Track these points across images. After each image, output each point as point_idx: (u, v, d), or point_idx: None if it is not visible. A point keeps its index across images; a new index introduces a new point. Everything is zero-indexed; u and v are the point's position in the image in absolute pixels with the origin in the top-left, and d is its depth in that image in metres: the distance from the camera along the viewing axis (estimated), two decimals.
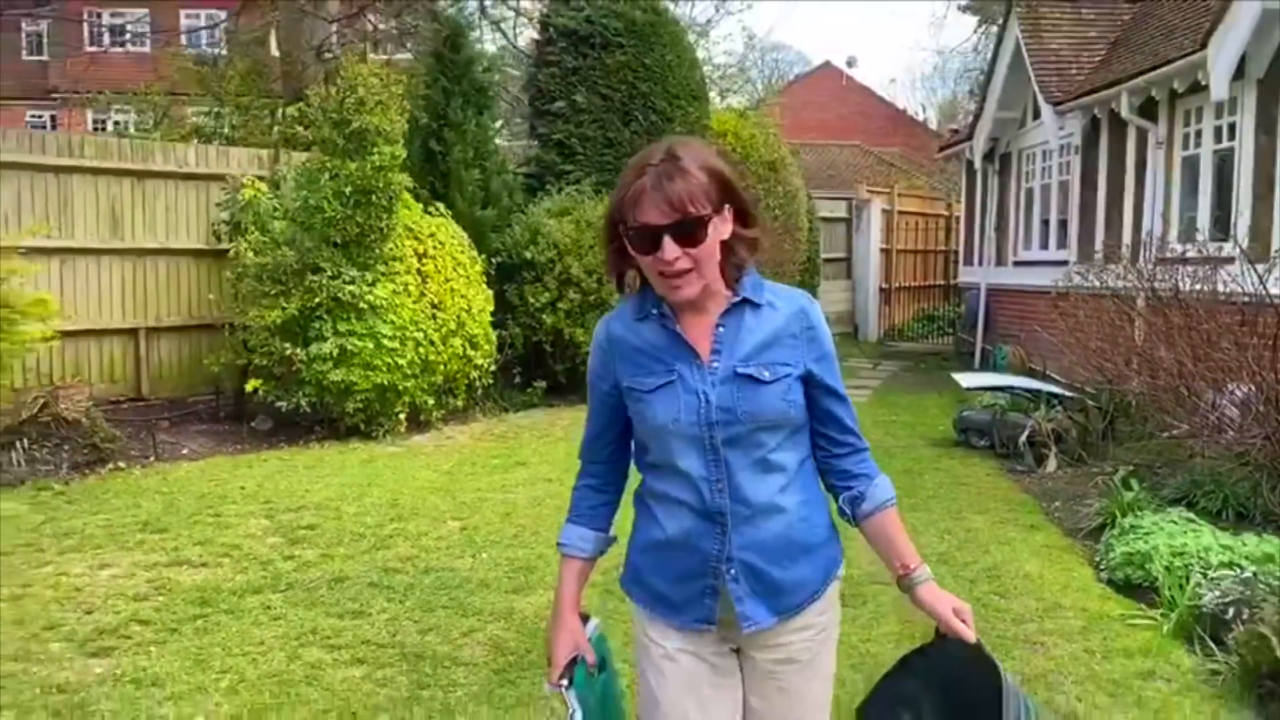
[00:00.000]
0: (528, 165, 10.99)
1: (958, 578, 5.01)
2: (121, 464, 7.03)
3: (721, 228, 1.86)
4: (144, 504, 5.97)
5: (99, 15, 31.04)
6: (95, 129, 30.77)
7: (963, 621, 1.87)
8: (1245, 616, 4.10)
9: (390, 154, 7.80)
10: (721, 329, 1.92)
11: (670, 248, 1.81)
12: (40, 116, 31.94)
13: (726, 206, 1.87)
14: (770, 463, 1.90)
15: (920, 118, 39.01)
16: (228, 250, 8.49)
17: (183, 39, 24.22)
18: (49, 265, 7.86)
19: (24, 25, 31.71)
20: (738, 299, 1.92)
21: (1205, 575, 4.55)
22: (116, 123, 32.14)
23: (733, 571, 1.89)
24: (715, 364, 1.90)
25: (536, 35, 11.10)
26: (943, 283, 19.24)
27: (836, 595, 2.03)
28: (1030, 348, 11.80)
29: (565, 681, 1.95)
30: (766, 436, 1.90)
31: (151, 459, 7.26)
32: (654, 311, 1.93)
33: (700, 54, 13.99)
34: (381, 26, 12.85)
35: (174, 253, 8.84)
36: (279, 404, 7.79)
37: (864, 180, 20.23)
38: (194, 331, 8.94)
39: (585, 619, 2.05)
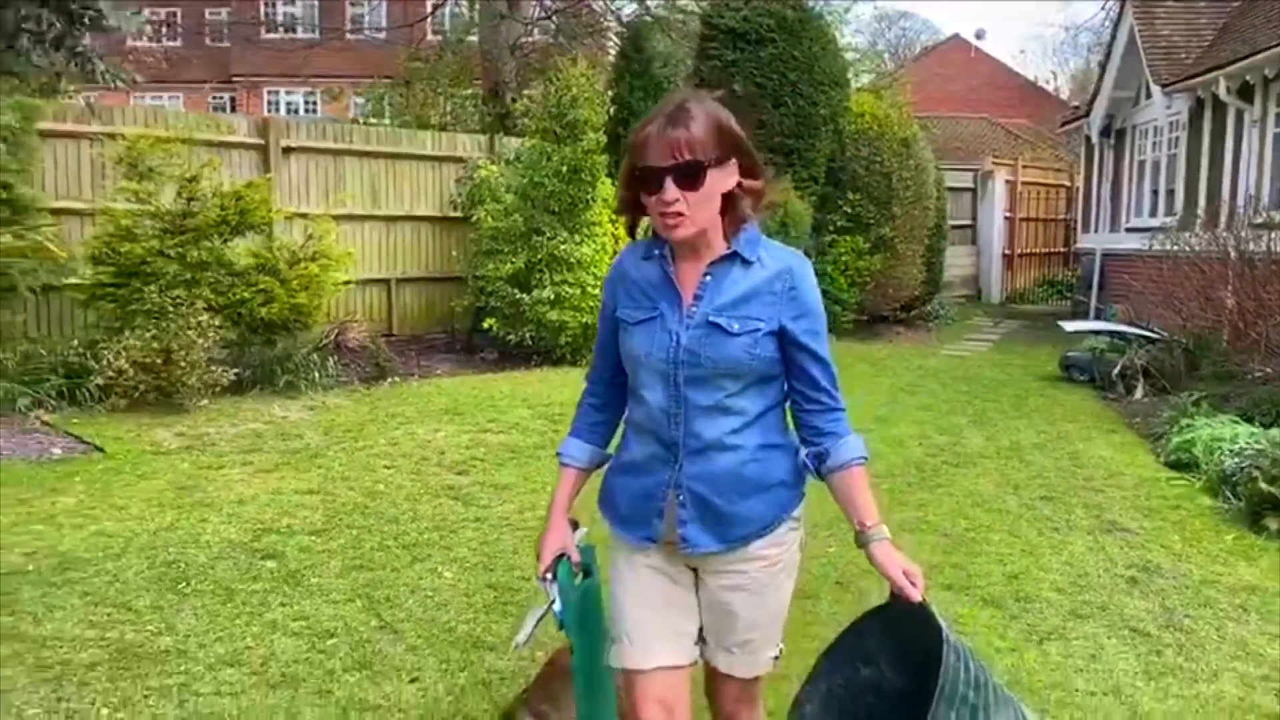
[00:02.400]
0: None
1: (1047, 456, 6.75)
2: (396, 379, 9.21)
3: (724, 179, 1.99)
4: (434, 401, 8.12)
5: (274, 6, 34.17)
6: (269, 109, 33.98)
7: (912, 584, 1.93)
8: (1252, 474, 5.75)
9: (595, 140, 9.78)
10: (709, 278, 2.04)
11: (670, 189, 1.94)
12: (221, 98, 35.25)
13: (732, 160, 1.99)
14: (728, 406, 2.03)
15: (1051, 87, 39.31)
16: (462, 217, 10.63)
17: (347, 27, 26.88)
18: (329, 228, 10.07)
19: (207, 13, 34.99)
20: (729, 252, 2.04)
21: (1231, 452, 6.19)
22: (288, 104, 35.30)
23: (681, 498, 2.05)
24: (694, 309, 2.03)
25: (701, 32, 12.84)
26: (1064, 250, 20.39)
27: (795, 538, 2.13)
28: (1138, 306, 13.14)
29: (550, 576, 2.16)
30: (727, 382, 2.02)
31: (416, 375, 9.44)
32: (656, 253, 2.09)
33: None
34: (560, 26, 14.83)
35: (416, 219, 11.02)
36: (509, 337, 9.87)
37: (990, 152, 21.41)
38: (430, 282, 11.13)
39: (575, 525, 2.23)
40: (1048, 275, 20.09)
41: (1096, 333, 10.56)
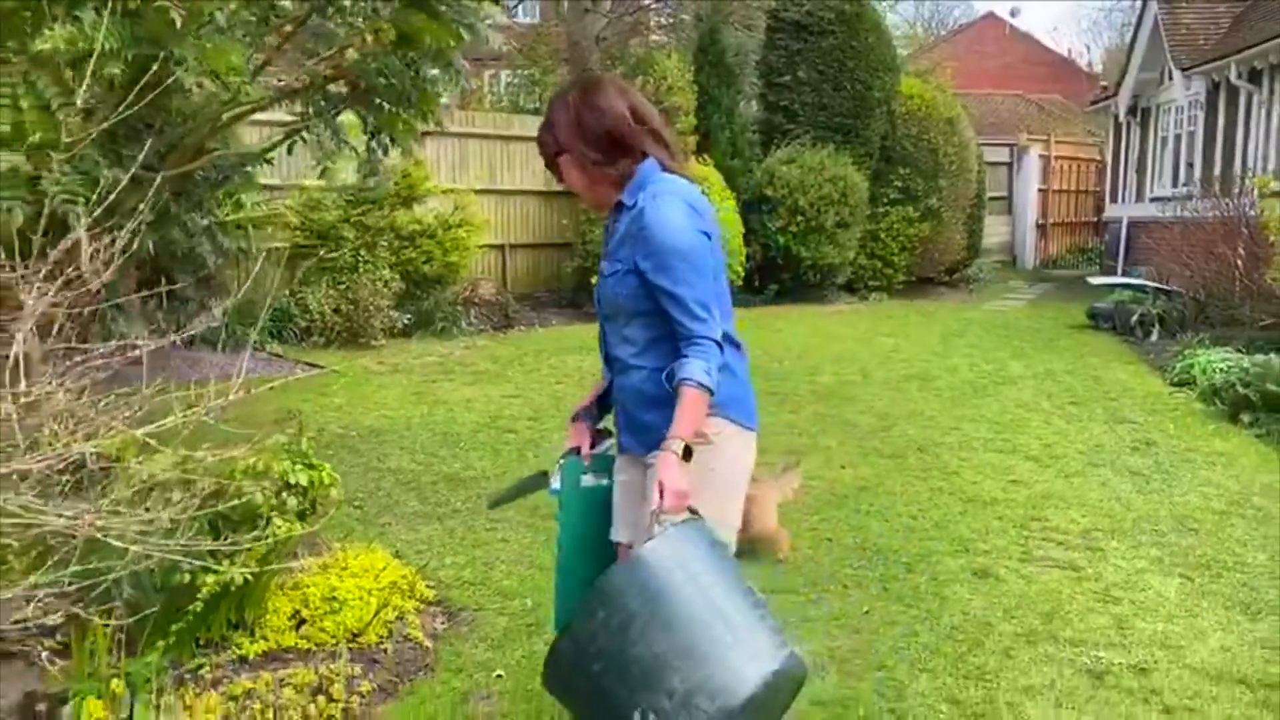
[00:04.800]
0: (756, 126, 14.41)
1: (1075, 378, 8.38)
2: (522, 327, 10.95)
3: (574, 164, 2.34)
4: (565, 341, 9.84)
5: None
6: None
7: (660, 496, 2.13)
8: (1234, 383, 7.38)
9: (688, 123, 11.44)
10: (616, 225, 2.36)
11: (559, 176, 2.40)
12: None
13: (576, 150, 2.32)
14: (625, 336, 2.33)
15: (1083, 62, 40.37)
16: (565, 191, 12.29)
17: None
18: (471, 199, 11.68)
19: None
20: (615, 203, 2.35)
21: (1221, 371, 7.80)
22: None
23: (615, 410, 2.46)
24: (610, 252, 2.37)
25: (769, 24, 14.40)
26: (1094, 219, 21.83)
27: (706, 449, 2.25)
28: (1160, 268, 14.65)
29: (561, 461, 2.51)
30: (619, 317, 2.34)
31: (536, 324, 11.18)
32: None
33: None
34: (642, 21, 16.42)
35: (525, 193, 12.72)
36: None
37: (1024, 127, 22.86)
38: (537, 248, 12.85)
39: (607, 434, 2.56)
40: (1078, 243, 21.54)
41: (1117, 286, 12.13)
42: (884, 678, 3.24)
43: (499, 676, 3.21)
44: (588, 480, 2.49)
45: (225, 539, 2.89)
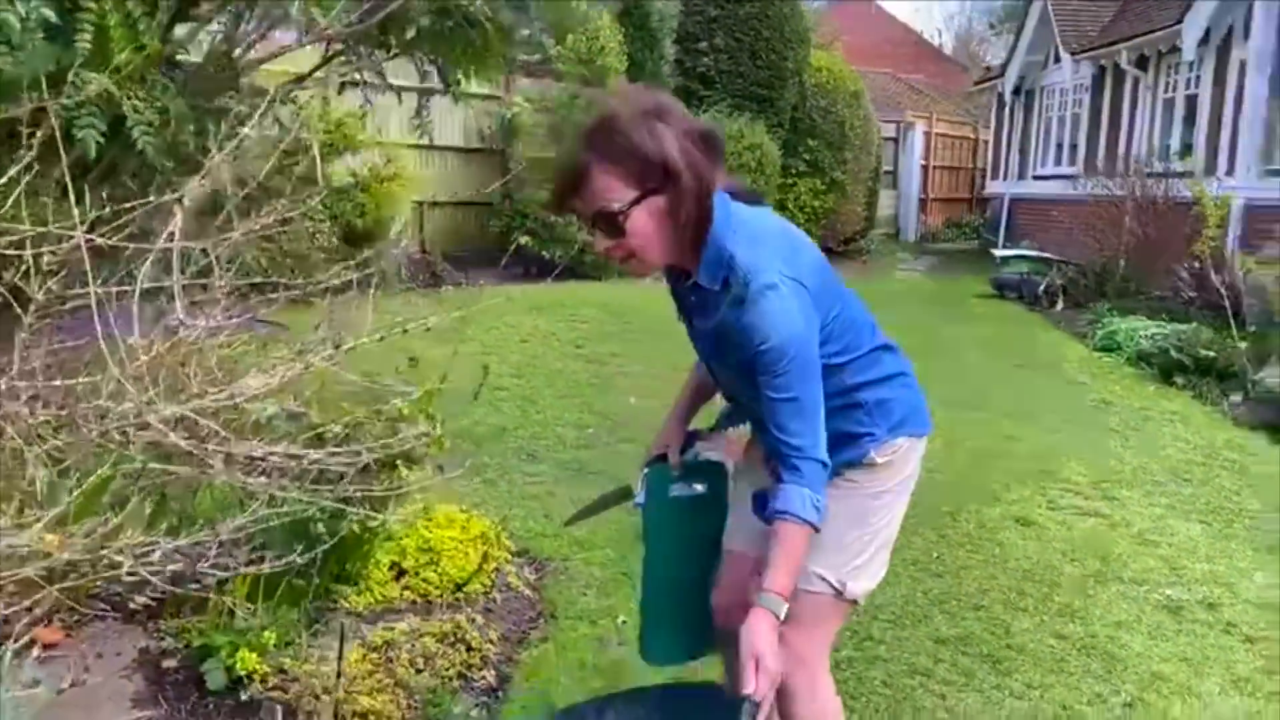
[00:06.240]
0: (674, 92, 14.47)
1: (1009, 343, 8.80)
2: (450, 286, 10.72)
3: (650, 211, 1.75)
4: (512, 300, 9.67)
5: None
6: None
7: (755, 675, 1.73)
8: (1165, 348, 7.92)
9: (617, 84, 11.38)
10: (694, 300, 1.91)
11: (600, 239, 1.78)
12: None
13: (662, 191, 1.74)
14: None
15: (936, 43, 42.04)
16: (484, 148, 12.10)
17: None
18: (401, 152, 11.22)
19: None
20: (693, 282, 1.86)
21: (1145, 338, 8.35)
22: None
23: (756, 437, 2.17)
24: (697, 328, 1.96)
25: None
26: (968, 196, 22.84)
27: (890, 462, 1.98)
28: (1043, 242, 15.48)
29: (646, 469, 2.25)
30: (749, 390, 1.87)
31: (465, 284, 10.97)
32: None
33: None
34: None
35: (446, 149, 12.41)
36: (542, 253, 11.45)
37: (897, 105, 23.63)
38: (456, 206, 12.58)
39: (697, 437, 2.27)
40: (954, 217, 22.50)
41: (1018, 258, 12.78)
42: (986, 617, 3.40)
43: (624, 623, 3.21)
44: (678, 490, 2.26)
45: (383, 484, 2.80)
